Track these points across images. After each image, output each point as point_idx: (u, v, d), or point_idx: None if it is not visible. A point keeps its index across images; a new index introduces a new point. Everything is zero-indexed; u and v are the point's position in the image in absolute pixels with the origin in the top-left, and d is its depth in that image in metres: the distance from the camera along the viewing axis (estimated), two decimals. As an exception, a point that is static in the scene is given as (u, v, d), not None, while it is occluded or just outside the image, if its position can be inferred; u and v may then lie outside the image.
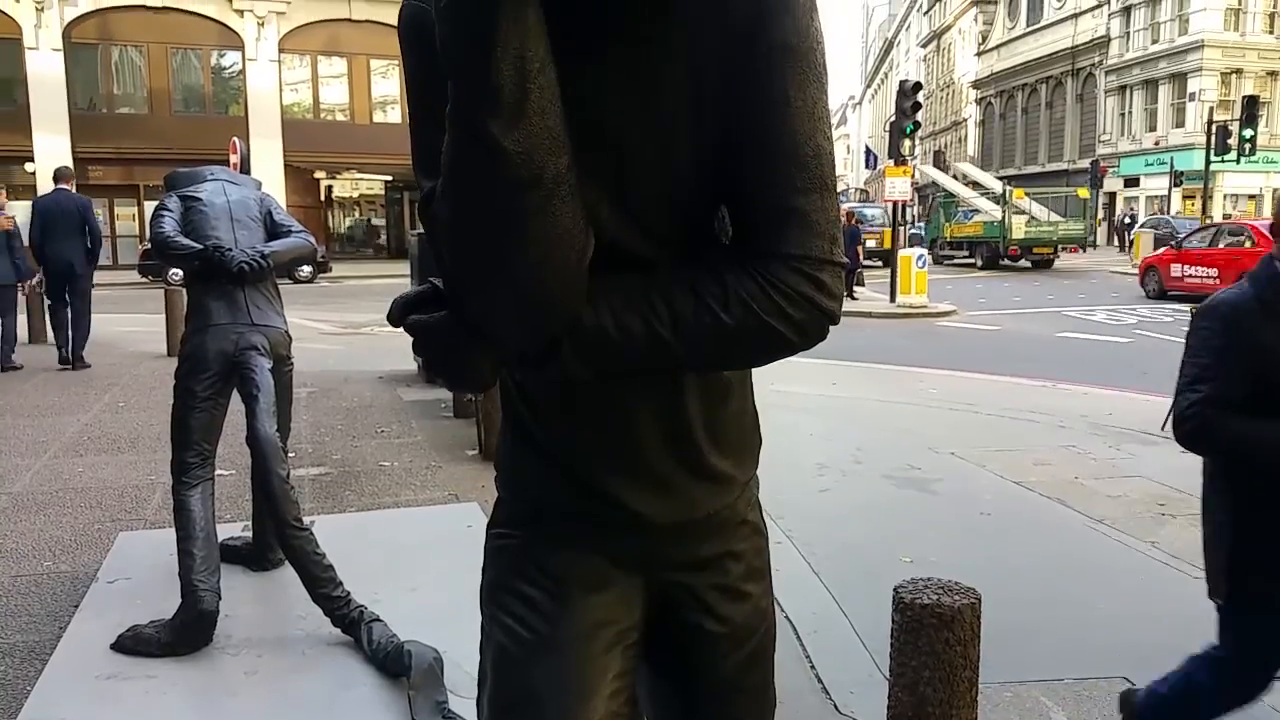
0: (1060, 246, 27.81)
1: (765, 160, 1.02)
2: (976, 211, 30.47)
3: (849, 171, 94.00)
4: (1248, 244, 16.41)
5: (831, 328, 1.07)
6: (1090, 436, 6.89)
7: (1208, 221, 23.87)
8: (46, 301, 10.38)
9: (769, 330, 1.03)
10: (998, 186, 30.97)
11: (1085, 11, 45.02)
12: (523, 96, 0.88)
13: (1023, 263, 27.48)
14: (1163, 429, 6.90)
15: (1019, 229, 27.04)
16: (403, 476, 5.83)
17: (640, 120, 1.03)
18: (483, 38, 0.86)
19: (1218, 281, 15.60)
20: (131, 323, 12.79)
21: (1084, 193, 30.23)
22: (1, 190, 9.79)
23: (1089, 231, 31.20)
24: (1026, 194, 30.00)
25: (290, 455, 4.18)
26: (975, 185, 35.18)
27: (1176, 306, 15.69)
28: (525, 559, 1.21)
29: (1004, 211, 27.63)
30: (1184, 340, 2.30)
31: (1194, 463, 2.37)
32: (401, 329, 1.05)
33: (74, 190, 9.89)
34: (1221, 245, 17.56)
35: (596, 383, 1.08)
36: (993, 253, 27.59)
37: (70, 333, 9.87)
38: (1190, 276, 17.64)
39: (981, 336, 13.91)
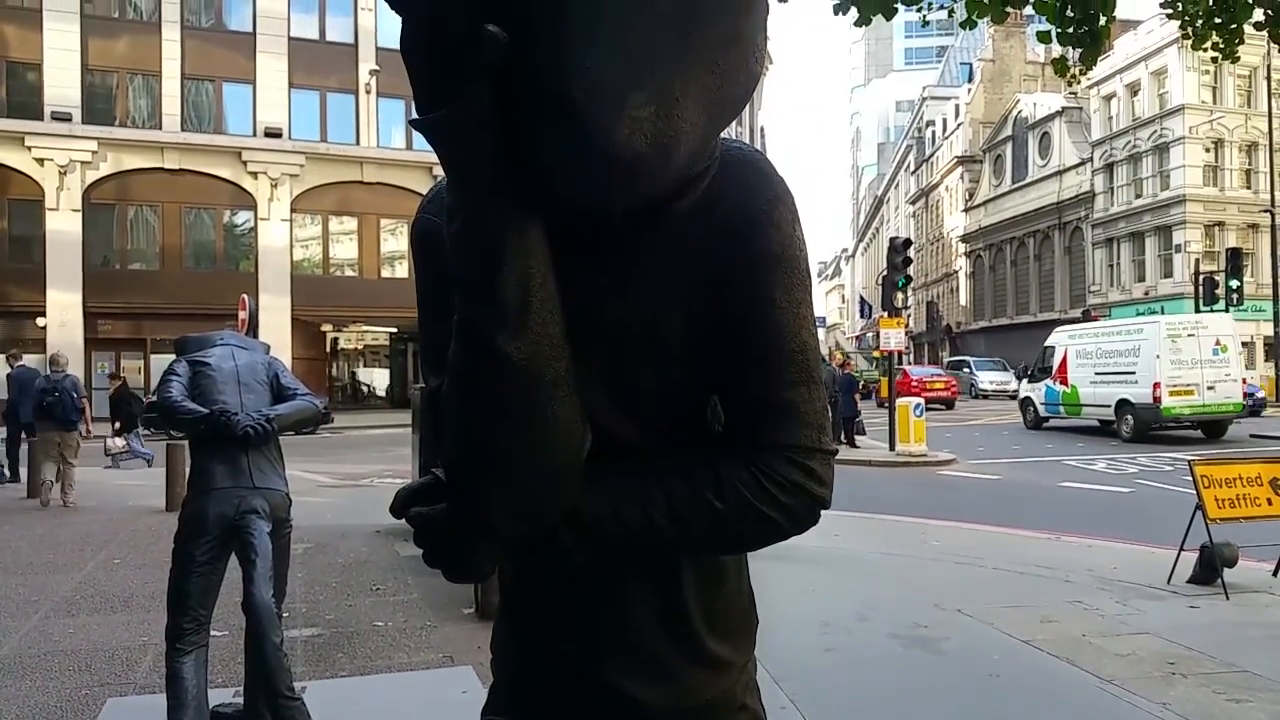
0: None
1: (754, 355, 1.09)
2: (829, 365, 40.72)
3: (845, 320, 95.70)
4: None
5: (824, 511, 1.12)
6: (1097, 591, 6.78)
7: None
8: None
9: (762, 517, 1.08)
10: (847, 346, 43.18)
11: (1070, 169, 46.73)
12: (525, 309, 0.95)
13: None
14: (1169, 582, 6.82)
15: None
16: (396, 637, 5.71)
17: (634, 317, 1.09)
18: (490, 257, 0.94)
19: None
20: (131, 475, 12.78)
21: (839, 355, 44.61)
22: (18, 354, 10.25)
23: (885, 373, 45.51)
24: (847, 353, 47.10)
25: (284, 615, 4.13)
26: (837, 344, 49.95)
27: (1175, 455, 15.68)
28: (520, 747, 1.21)
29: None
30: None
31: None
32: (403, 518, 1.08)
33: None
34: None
35: (593, 568, 1.11)
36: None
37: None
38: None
39: (982, 486, 13.85)
